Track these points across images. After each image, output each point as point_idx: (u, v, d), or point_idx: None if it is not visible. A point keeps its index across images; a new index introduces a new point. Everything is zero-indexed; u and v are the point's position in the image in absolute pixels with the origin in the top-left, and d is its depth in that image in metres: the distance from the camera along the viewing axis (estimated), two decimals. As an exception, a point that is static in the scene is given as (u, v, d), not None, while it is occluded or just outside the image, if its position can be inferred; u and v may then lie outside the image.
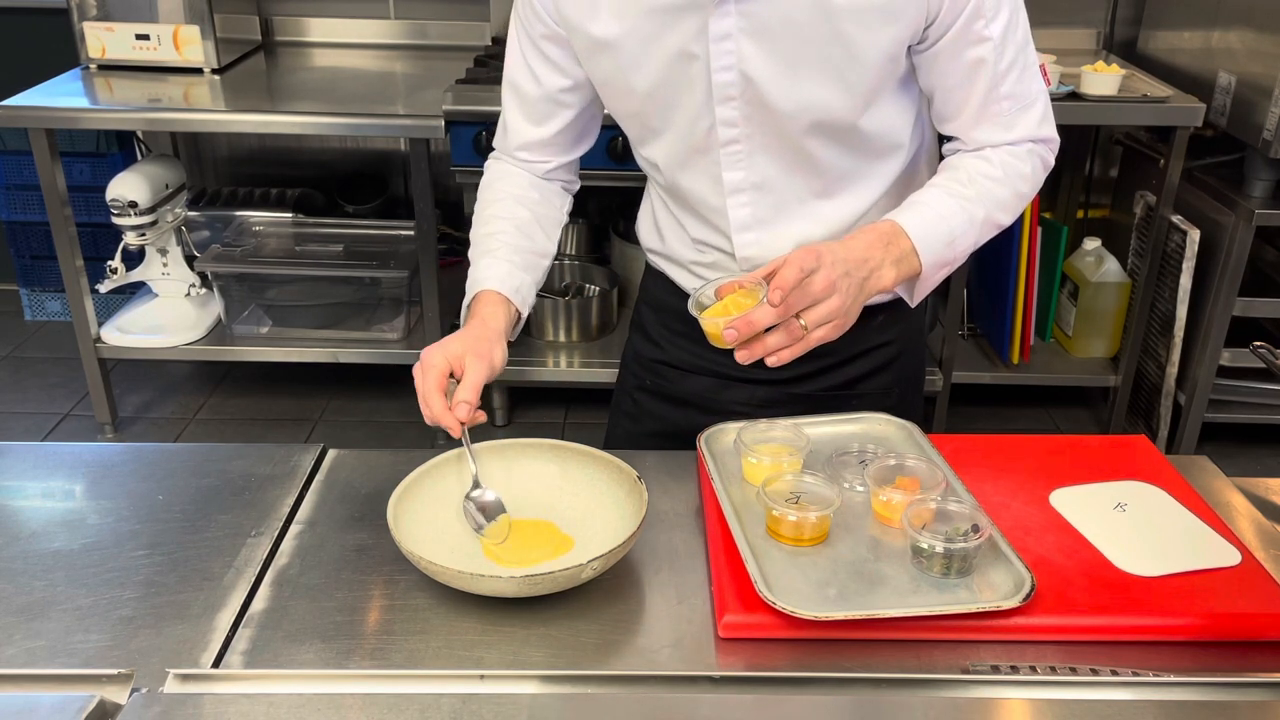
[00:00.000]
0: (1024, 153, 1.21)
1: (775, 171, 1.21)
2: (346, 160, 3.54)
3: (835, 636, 0.96)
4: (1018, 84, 1.18)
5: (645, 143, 1.27)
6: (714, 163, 1.21)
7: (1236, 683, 0.89)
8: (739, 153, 1.20)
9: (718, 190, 1.23)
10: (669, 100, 1.19)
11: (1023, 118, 1.20)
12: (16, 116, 2.70)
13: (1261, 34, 2.64)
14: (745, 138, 1.18)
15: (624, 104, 1.24)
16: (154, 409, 3.21)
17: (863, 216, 1.25)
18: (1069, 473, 1.17)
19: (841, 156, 1.21)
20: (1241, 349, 2.78)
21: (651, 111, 1.21)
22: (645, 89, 1.19)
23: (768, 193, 1.22)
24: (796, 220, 1.24)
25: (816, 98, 1.14)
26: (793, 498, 1.06)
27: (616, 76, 1.20)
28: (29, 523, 1.12)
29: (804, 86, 1.14)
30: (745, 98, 1.15)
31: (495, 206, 1.32)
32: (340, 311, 3.05)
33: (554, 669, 0.92)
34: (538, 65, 1.26)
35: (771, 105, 1.15)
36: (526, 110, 1.30)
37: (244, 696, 0.86)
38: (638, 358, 1.47)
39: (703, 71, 1.15)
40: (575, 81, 1.26)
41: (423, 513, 1.07)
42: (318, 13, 3.35)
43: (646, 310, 1.48)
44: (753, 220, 1.25)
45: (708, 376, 1.39)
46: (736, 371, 1.34)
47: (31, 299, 3.65)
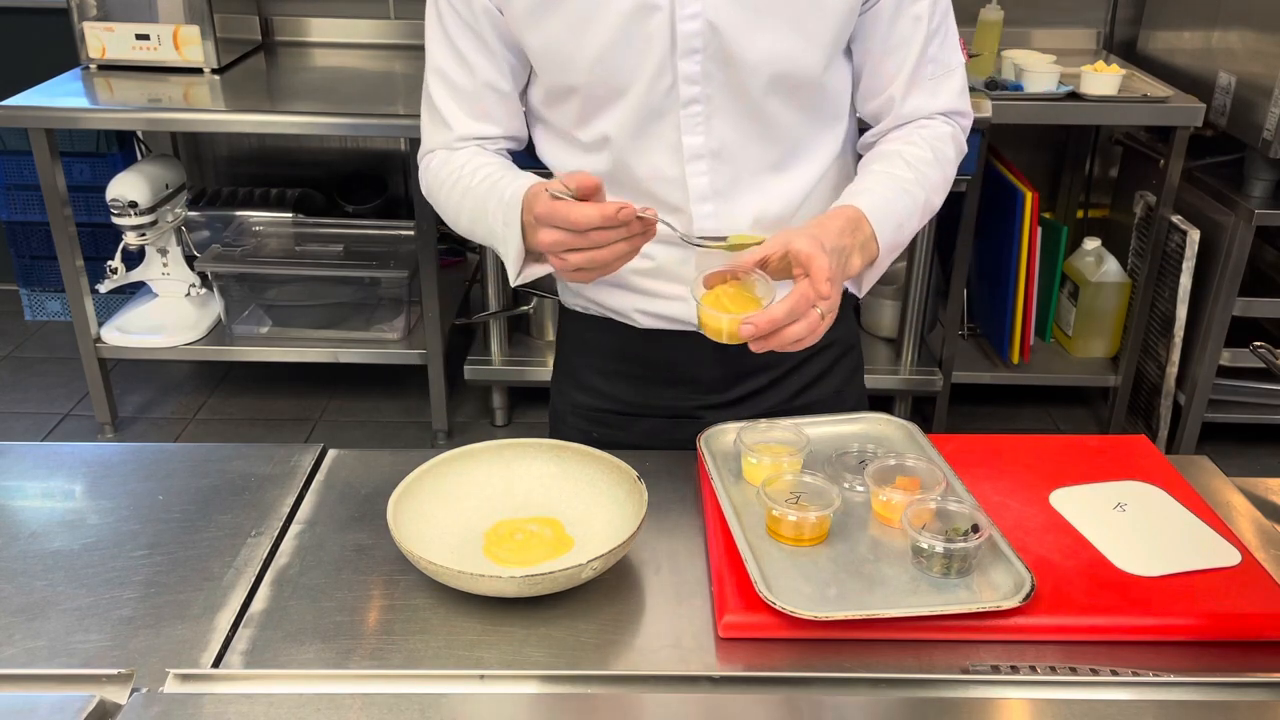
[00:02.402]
0: (946, 135, 1.24)
1: (733, 138, 1.19)
2: (346, 160, 3.54)
3: (835, 636, 0.96)
4: (941, 49, 1.22)
5: (587, 120, 1.20)
6: (672, 127, 1.18)
7: (1236, 683, 0.89)
8: (698, 114, 1.17)
9: (675, 159, 1.20)
10: (623, 61, 1.14)
11: (945, 85, 1.23)
12: (16, 116, 2.70)
13: (1261, 34, 2.64)
14: (705, 98, 1.16)
15: (568, 75, 1.17)
16: (154, 409, 3.22)
17: (809, 193, 1.24)
18: (1069, 473, 1.17)
19: (796, 119, 1.20)
20: (1241, 349, 2.78)
21: (600, 77, 1.16)
22: (597, 50, 1.14)
23: (725, 162, 1.20)
24: (750, 193, 1.22)
25: (780, 49, 1.14)
26: (793, 498, 1.06)
27: (564, 39, 1.15)
28: (29, 523, 1.12)
29: (768, 36, 1.13)
30: (709, 51, 1.13)
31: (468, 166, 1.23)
32: (340, 311, 3.05)
33: (554, 669, 0.92)
34: (474, 50, 1.20)
35: (735, 58, 1.13)
36: (463, 104, 1.24)
37: (244, 696, 0.86)
38: (577, 410, 1.39)
39: (664, 23, 1.12)
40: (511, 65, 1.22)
41: (423, 513, 1.07)
42: (318, 13, 3.35)
43: (575, 359, 1.39)
44: (710, 190, 1.21)
45: (656, 417, 1.35)
46: (685, 403, 1.34)
47: (31, 299, 3.65)
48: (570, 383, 1.40)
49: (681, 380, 1.33)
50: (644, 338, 1.31)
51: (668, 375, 1.33)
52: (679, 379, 1.33)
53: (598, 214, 1.03)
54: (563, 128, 1.24)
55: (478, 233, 1.22)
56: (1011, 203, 2.79)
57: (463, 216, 1.23)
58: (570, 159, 1.25)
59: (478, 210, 1.19)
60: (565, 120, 1.22)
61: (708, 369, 1.31)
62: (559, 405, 1.42)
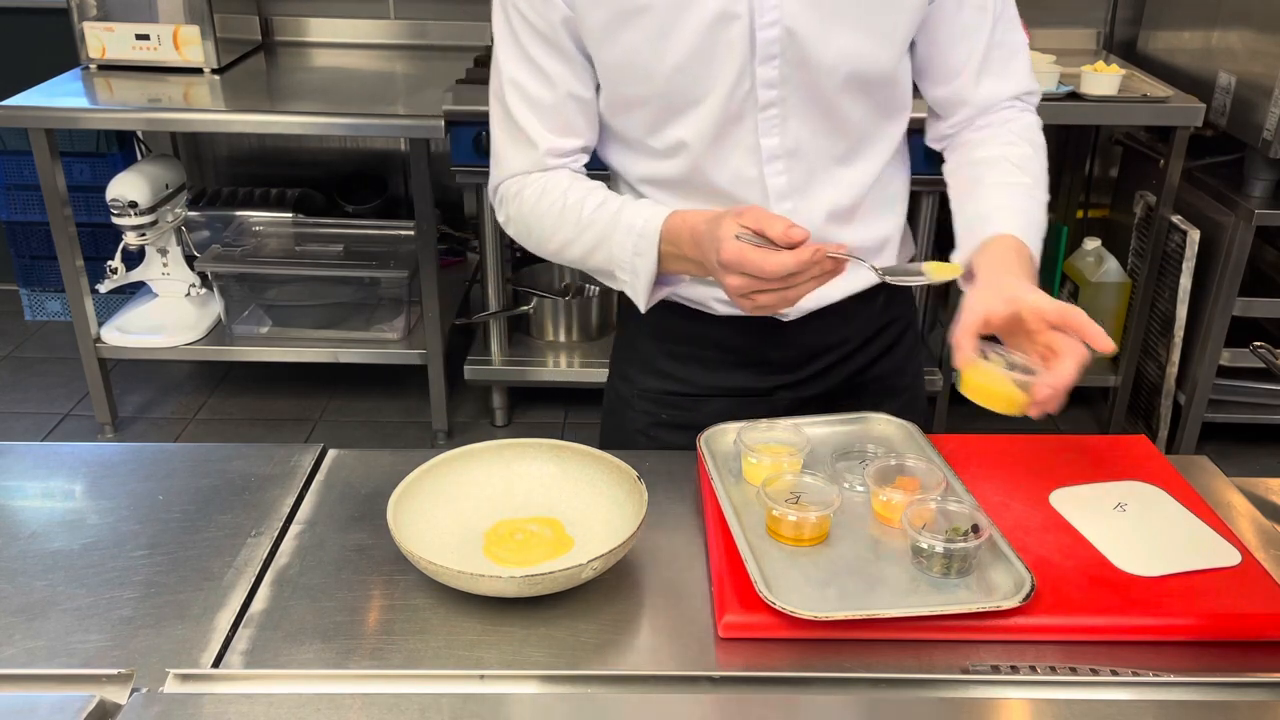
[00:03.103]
0: (1034, 124, 1.26)
1: (806, 135, 1.20)
2: (346, 160, 3.54)
3: (835, 636, 0.95)
4: (1006, 32, 1.23)
5: (663, 128, 1.20)
6: (750, 131, 1.19)
7: (1236, 683, 0.89)
8: (775, 117, 1.18)
9: (753, 160, 1.21)
10: (702, 70, 1.15)
11: (1013, 67, 1.25)
12: (16, 116, 2.70)
13: (1261, 34, 2.64)
14: (781, 100, 1.17)
15: (645, 86, 1.18)
16: (154, 409, 3.22)
17: (875, 181, 1.26)
18: (1069, 473, 1.17)
19: (865, 114, 1.21)
20: (1241, 349, 2.78)
21: (678, 86, 1.17)
22: (676, 61, 1.15)
23: (799, 159, 1.21)
24: (823, 187, 1.24)
25: (854, 49, 1.15)
26: (793, 498, 1.06)
27: (643, 50, 1.15)
28: (29, 523, 1.12)
29: (843, 38, 1.14)
30: (786, 55, 1.14)
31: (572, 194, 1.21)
32: (340, 311, 3.06)
33: (554, 669, 0.92)
34: (551, 61, 1.18)
35: (812, 60, 1.15)
36: (546, 119, 1.21)
37: (244, 696, 0.86)
38: (645, 394, 1.39)
39: (744, 31, 1.13)
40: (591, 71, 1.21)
41: (423, 513, 1.07)
42: (318, 13, 3.35)
43: (646, 345, 1.39)
44: (789, 188, 1.22)
45: (725, 397, 1.36)
46: (755, 384, 1.35)
47: (31, 299, 3.65)
48: (639, 368, 1.40)
49: (753, 362, 1.34)
50: (719, 323, 1.31)
51: (740, 358, 1.34)
52: (751, 361, 1.34)
53: (793, 262, 1.03)
54: (632, 135, 1.24)
55: (591, 262, 1.22)
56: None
57: (573, 247, 1.22)
58: (642, 165, 1.26)
59: (599, 239, 1.19)
60: (634, 128, 1.23)
61: (780, 350, 1.33)
62: (623, 391, 1.42)
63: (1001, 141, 1.24)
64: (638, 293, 1.19)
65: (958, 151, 1.29)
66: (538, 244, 1.27)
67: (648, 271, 1.16)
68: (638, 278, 1.17)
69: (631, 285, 1.19)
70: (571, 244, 1.22)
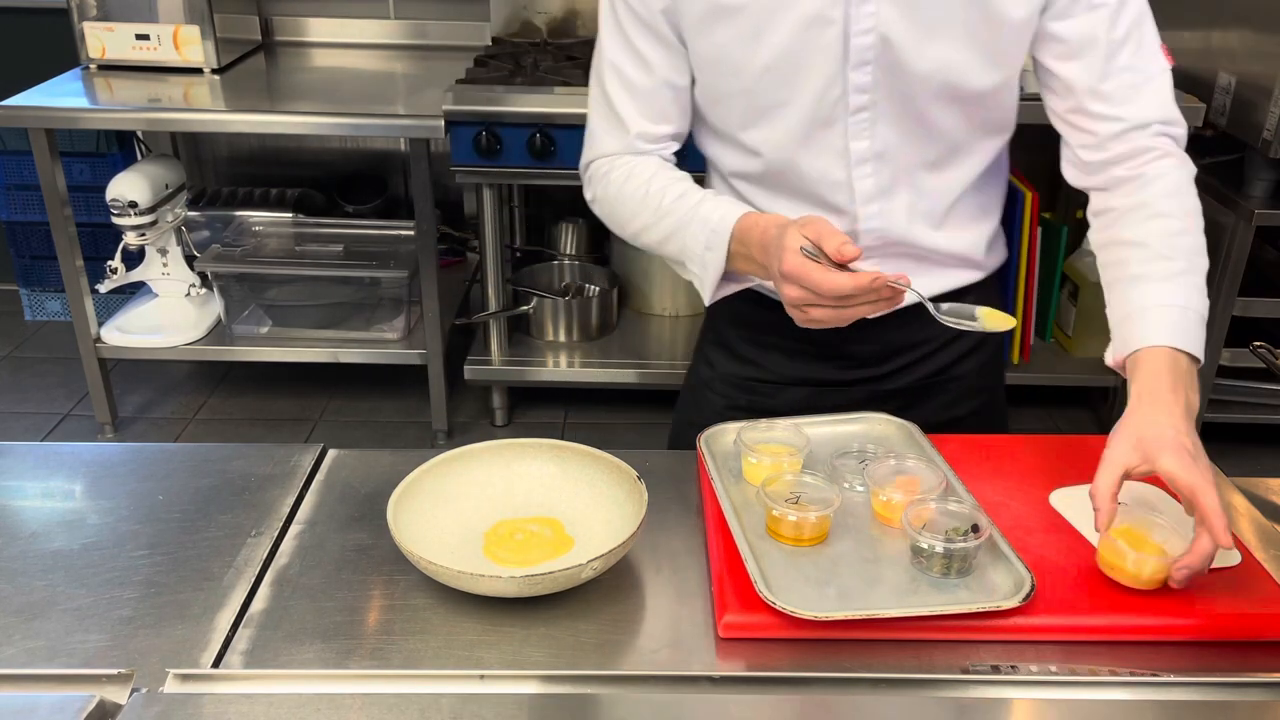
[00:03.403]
0: (1181, 179, 1.19)
1: (895, 140, 1.20)
2: (346, 160, 3.54)
3: (835, 636, 0.95)
4: (1135, 57, 1.17)
5: (752, 125, 1.22)
6: (839, 134, 1.19)
7: (1236, 683, 0.89)
8: (865, 121, 1.18)
9: (842, 163, 1.21)
10: (792, 71, 1.16)
11: (1145, 92, 1.18)
12: (16, 116, 2.70)
13: (1261, 34, 2.64)
14: (872, 105, 1.17)
15: (734, 81, 1.19)
16: (154, 409, 3.22)
17: (961, 194, 1.26)
18: (1069, 473, 1.17)
19: (958, 125, 1.20)
20: (1241, 349, 2.77)
21: (768, 86, 1.17)
22: (767, 60, 1.16)
23: (887, 162, 1.21)
24: (911, 191, 1.24)
25: (949, 60, 1.14)
26: (793, 498, 1.06)
27: (734, 48, 1.16)
28: (29, 523, 1.12)
29: (939, 48, 1.14)
30: (880, 62, 1.14)
31: (656, 182, 1.24)
32: (340, 311, 3.05)
33: (554, 669, 0.92)
34: (650, 47, 1.21)
35: (906, 68, 1.15)
36: (641, 104, 1.25)
37: (244, 696, 0.86)
38: (725, 379, 1.42)
39: (837, 36, 1.13)
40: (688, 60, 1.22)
41: (423, 513, 1.07)
42: (318, 13, 3.35)
43: (730, 331, 1.41)
44: (876, 190, 1.23)
45: (805, 386, 1.37)
46: (836, 376, 1.36)
47: (31, 299, 3.65)
48: (723, 353, 1.42)
49: (836, 355, 1.34)
50: None
51: (822, 350, 1.34)
52: (834, 354, 1.34)
53: (850, 285, 1.04)
54: (724, 129, 1.25)
55: (665, 249, 1.26)
56: (1011, 203, 2.78)
57: (650, 232, 1.26)
58: (733, 159, 1.27)
59: (674, 229, 1.22)
60: (727, 122, 1.24)
61: (863, 344, 1.33)
62: (704, 374, 1.45)
63: (1147, 214, 1.17)
64: (704, 286, 1.22)
65: (1101, 221, 1.22)
66: (619, 225, 1.31)
67: (716, 267, 1.19)
68: (706, 271, 1.20)
69: (700, 278, 1.22)
70: (649, 229, 1.25)
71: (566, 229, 3.39)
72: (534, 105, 2.63)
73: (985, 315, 1.09)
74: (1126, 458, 1.01)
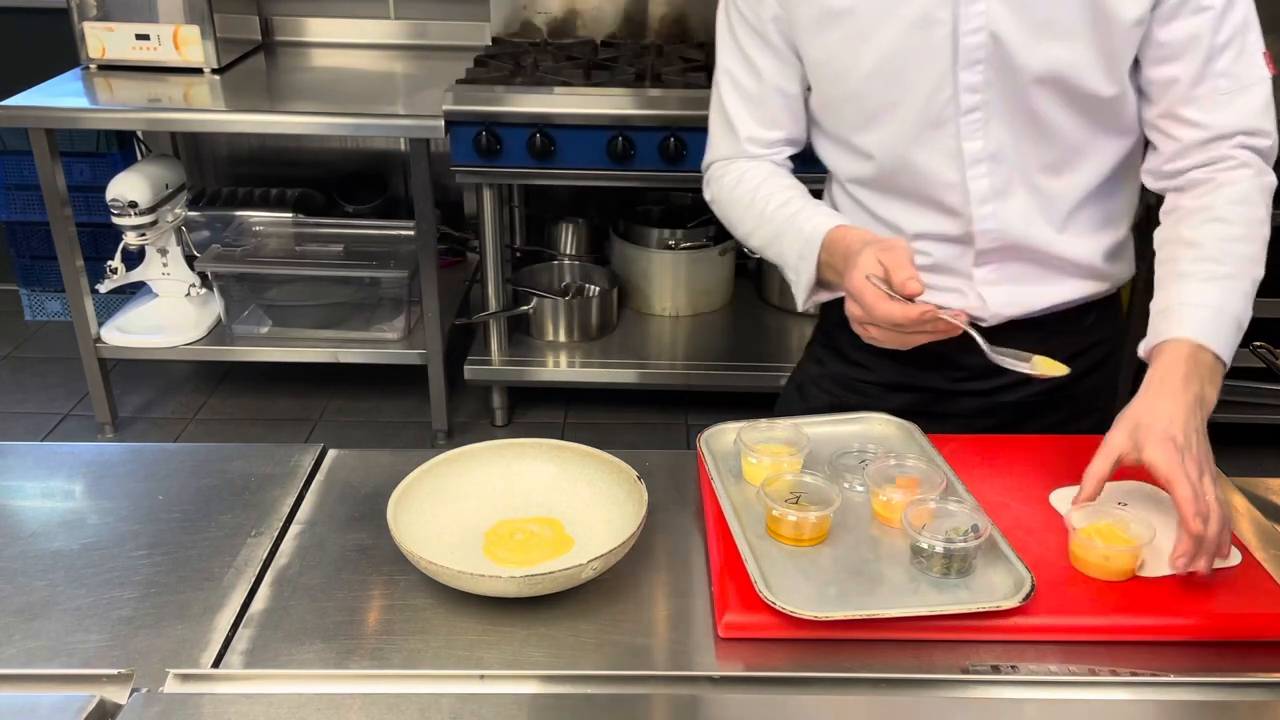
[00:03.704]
0: (1254, 189, 1.18)
1: (1009, 141, 1.20)
2: (346, 160, 3.54)
3: (835, 636, 0.95)
4: (1234, 64, 1.16)
5: (863, 128, 1.23)
6: (951, 135, 1.20)
7: (1236, 683, 0.90)
8: (978, 121, 1.19)
9: (955, 164, 1.21)
10: (901, 73, 1.17)
11: (1236, 102, 1.17)
12: (16, 116, 2.70)
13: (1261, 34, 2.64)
14: (984, 105, 1.18)
15: (842, 85, 1.21)
16: (154, 409, 3.21)
17: (1089, 195, 1.24)
18: (1069, 473, 1.17)
19: (1074, 125, 1.19)
20: (1242, 349, 2.77)
21: (876, 88, 1.18)
22: (875, 62, 1.17)
23: (1001, 163, 1.21)
24: (1028, 193, 1.23)
25: (1059, 57, 1.14)
26: (793, 498, 1.06)
27: (842, 51, 1.18)
28: (29, 523, 1.12)
29: (1048, 46, 1.14)
30: (990, 61, 1.15)
31: (762, 189, 1.29)
32: (340, 311, 3.05)
33: (554, 669, 0.92)
34: (762, 54, 1.25)
35: (1017, 68, 1.15)
36: (752, 109, 1.29)
37: (244, 696, 0.86)
38: (834, 378, 1.42)
39: (946, 37, 1.14)
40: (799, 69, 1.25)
41: (423, 513, 1.07)
42: (318, 13, 3.35)
43: (839, 332, 1.36)
44: (990, 192, 1.22)
45: (914, 393, 1.36)
46: (945, 385, 1.35)
47: (31, 299, 3.65)
48: (832, 354, 1.43)
49: (946, 365, 1.34)
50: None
51: (934, 359, 1.33)
52: (944, 364, 1.34)
53: (900, 316, 1.08)
54: (839, 133, 1.27)
55: (769, 254, 1.31)
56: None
57: (755, 236, 1.31)
58: (848, 164, 1.29)
59: (774, 235, 1.27)
60: (840, 126, 1.26)
61: (975, 356, 1.29)
62: (813, 371, 1.46)
63: (1208, 217, 1.16)
64: (798, 291, 1.26)
65: (1168, 219, 1.22)
66: (730, 226, 1.36)
67: (808, 275, 1.23)
68: (799, 278, 1.25)
69: (795, 284, 1.26)
70: (754, 234, 1.31)
71: (566, 229, 3.39)
72: (534, 105, 2.63)
73: (1040, 361, 1.11)
74: (1121, 445, 1.04)
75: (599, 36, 3.27)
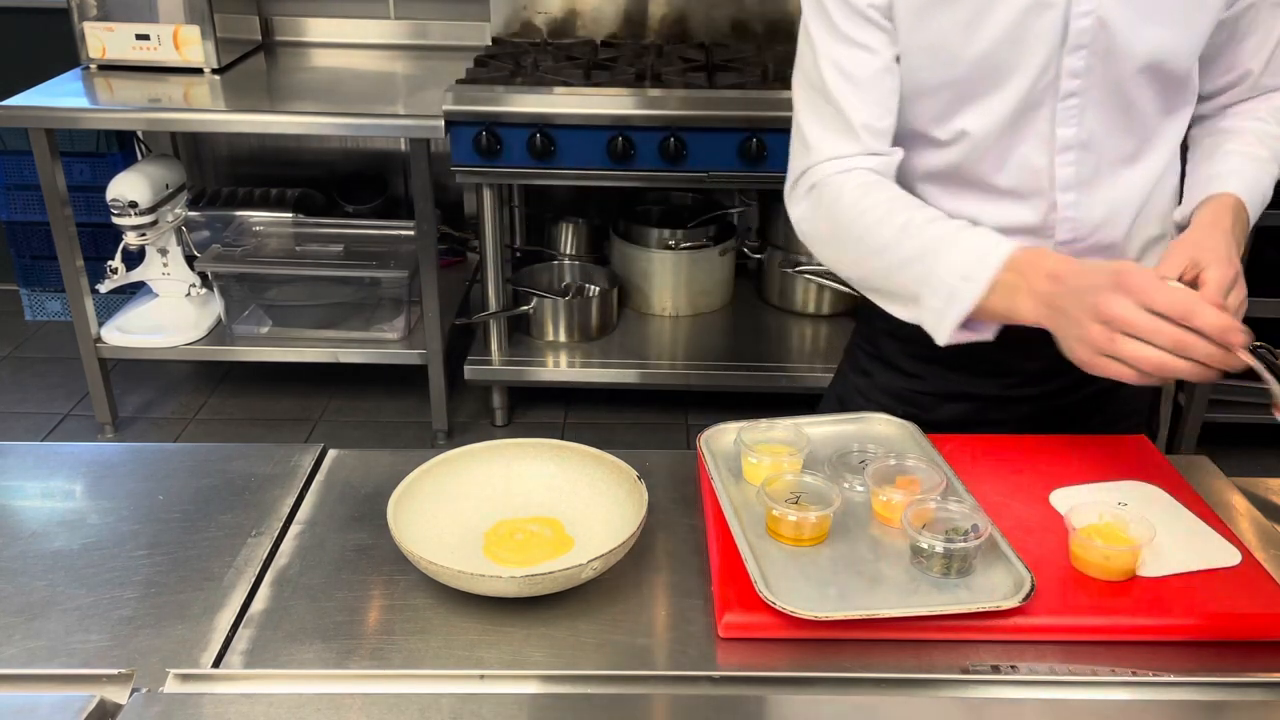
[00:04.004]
0: None
1: (1099, 129, 1.20)
2: (346, 160, 3.54)
3: (835, 636, 0.96)
4: None
5: (954, 115, 1.20)
6: (1045, 119, 1.19)
7: (1236, 683, 0.89)
8: (1074, 107, 1.18)
9: (1045, 149, 1.20)
10: (1008, 56, 1.15)
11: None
12: (16, 116, 2.70)
13: (1261, 34, 2.64)
14: (1082, 91, 1.17)
15: (946, 71, 1.18)
16: (154, 409, 3.22)
17: (1156, 184, 1.26)
18: (1069, 473, 1.17)
19: (1156, 108, 1.21)
20: (1241, 349, 2.77)
21: (982, 72, 1.17)
22: (984, 46, 1.15)
23: (1089, 152, 1.21)
24: (1106, 185, 1.23)
25: (1161, 41, 1.15)
26: (793, 498, 1.06)
27: (952, 34, 1.15)
28: (29, 523, 1.12)
29: (1151, 30, 1.14)
30: (1094, 46, 1.15)
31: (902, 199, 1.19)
32: (340, 311, 3.06)
33: (554, 669, 0.92)
34: (867, 35, 1.18)
35: (1118, 51, 1.15)
36: (864, 93, 1.19)
37: (244, 696, 0.86)
38: (885, 390, 1.38)
39: (1057, 20, 1.13)
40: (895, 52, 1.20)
41: (423, 513, 1.07)
42: (318, 13, 3.35)
43: (888, 342, 1.37)
44: (1075, 180, 1.22)
45: (968, 402, 1.35)
46: (998, 391, 1.34)
47: (31, 299, 3.65)
48: (881, 365, 1.40)
49: (1002, 371, 1.33)
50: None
51: (990, 366, 1.32)
52: (1000, 370, 1.33)
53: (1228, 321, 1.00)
54: (917, 125, 1.24)
55: (894, 278, 1.18)
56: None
57: (883, 255, 1.18)
58: (921, 158, 1.25)
59: (920, 253, 1.15)
60: (921, 117, 1.23)
61: (1033, 360, 1.28)
62: (860, 384, 1.41)
63: (1251, 115, 1.25)
64: (944, 321, 1.13)
65: (1204, 122, 1.30)
66: (837, 243, 1.23)
67: (969, 299, 1.10)
68: (951, 305, 1.12)
69: (940, 312, 1.13)
70: (882, 251, 1.17)
71: (566, 229, 3.39)
72: (534, 105, 2.63)
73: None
74: (1182, 262, 1.09)
75: (599, 36, 3.27)
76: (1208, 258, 1.08)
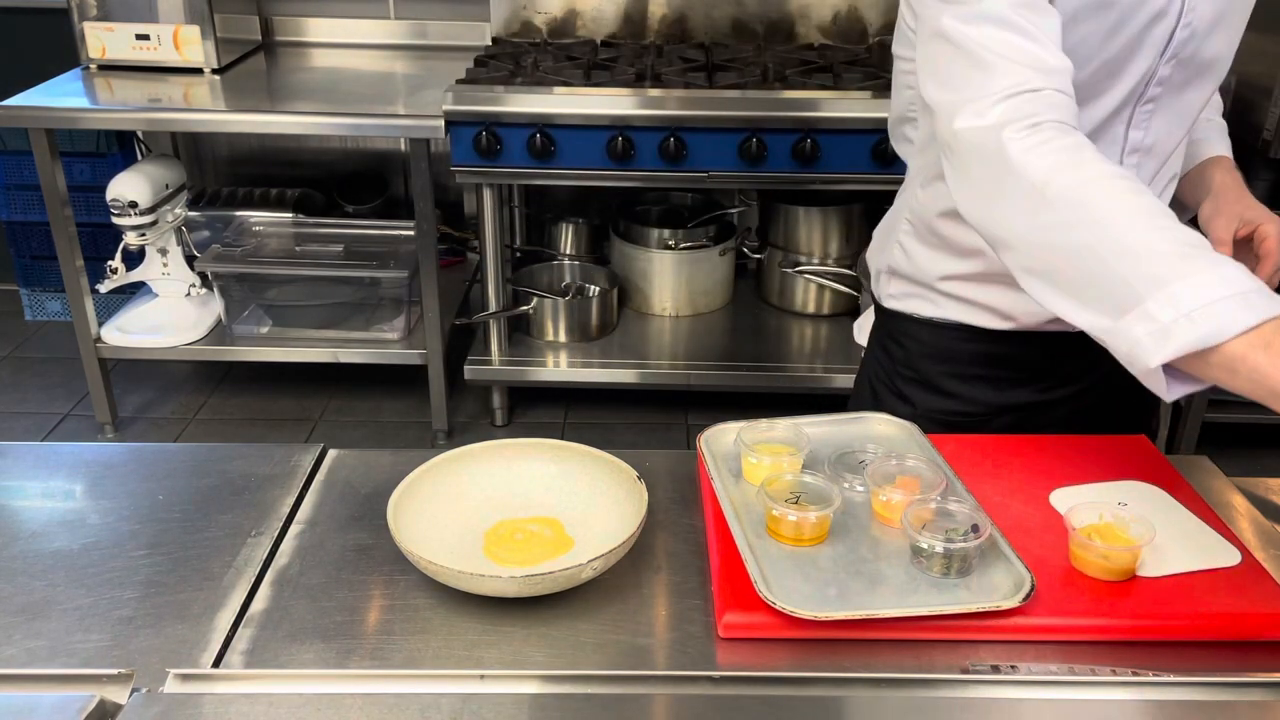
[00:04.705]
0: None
1: (1164, 134, 1.23)
2: (346, 160, 3.54)
3: (835, 636, 0.96)
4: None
5: None
6: (1123, 122, 1.21)
7: (1236, 683, 0.89)
8: (1149, 111, 1.20)
9: (1113, 152, 1.22)
10: (1121, 64, 1.16)
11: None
12: (16, 116, 2.71)
13: (1261, 34, 2.63)
14: (1157, 97, 1.19)
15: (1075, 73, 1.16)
16: (154, 409, 3.22)
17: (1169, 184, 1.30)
18: (1069, 473, 1.17)
19: (1199, 107, 1.25)
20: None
21: (1099, 78, 1.16)
22: (1111, 54, 1.15)
23: (1152, 156, 1.24)
24: (1160, 187, 1.27)
25: (1223, 45, 1.19)
26: (793, 498, 1.06)
27: (1090, 42, 1.13)
28: (29, 523, 1.12)
29: (1224, 35, 1.18)
30: (1182, 55, 1.17)
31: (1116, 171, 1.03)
32: (340, 311, 3.06)
33: (554, 669, 0.92)
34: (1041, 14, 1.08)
35: (1197, 58, 1.18)
36: (1047, 21, 1.07)
37: (244, 696, 0.86)
38: (929, 415, 1.33)
39: (1166, 30, 1.15)
40: None
41: (423, 513, 1.07)
42: (318, 13, 3.35)
43: (928, 365, 1.35)
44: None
45: (1010, 414, 1.34)
46: (1035, 398, 1.34)
47: (31, 299, 3.65)
48: (921, 389, 1.36)
49: (1044, 375, 1.33)
50: (1019, 340, 1.30)
51: (1033, 373, 1.32)
52: (1042, 374, 1.33)
53: None
54: None
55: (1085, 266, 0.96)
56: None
57: (1109, 227, 0.96)
58: None
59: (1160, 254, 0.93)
60: None
61: (1076, 359, 1.29)
62: (899, 410, 1.30)
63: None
64: (1161, 346, 0.90)
65: None
66: (1030, 204, 1.00)
67: (1212, 335, 0.88)
68: (1190, 330, 0.89)
69: (1158, 335, 0.90)
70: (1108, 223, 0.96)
71: (566, 229, 3.39)
72: (534, 105, 2.63)
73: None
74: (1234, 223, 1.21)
75: (599, 36, 3.27)
76: (1253, 214, 1.21)
